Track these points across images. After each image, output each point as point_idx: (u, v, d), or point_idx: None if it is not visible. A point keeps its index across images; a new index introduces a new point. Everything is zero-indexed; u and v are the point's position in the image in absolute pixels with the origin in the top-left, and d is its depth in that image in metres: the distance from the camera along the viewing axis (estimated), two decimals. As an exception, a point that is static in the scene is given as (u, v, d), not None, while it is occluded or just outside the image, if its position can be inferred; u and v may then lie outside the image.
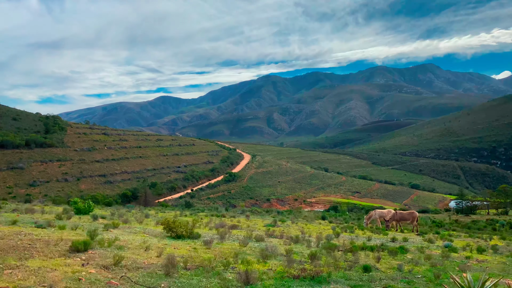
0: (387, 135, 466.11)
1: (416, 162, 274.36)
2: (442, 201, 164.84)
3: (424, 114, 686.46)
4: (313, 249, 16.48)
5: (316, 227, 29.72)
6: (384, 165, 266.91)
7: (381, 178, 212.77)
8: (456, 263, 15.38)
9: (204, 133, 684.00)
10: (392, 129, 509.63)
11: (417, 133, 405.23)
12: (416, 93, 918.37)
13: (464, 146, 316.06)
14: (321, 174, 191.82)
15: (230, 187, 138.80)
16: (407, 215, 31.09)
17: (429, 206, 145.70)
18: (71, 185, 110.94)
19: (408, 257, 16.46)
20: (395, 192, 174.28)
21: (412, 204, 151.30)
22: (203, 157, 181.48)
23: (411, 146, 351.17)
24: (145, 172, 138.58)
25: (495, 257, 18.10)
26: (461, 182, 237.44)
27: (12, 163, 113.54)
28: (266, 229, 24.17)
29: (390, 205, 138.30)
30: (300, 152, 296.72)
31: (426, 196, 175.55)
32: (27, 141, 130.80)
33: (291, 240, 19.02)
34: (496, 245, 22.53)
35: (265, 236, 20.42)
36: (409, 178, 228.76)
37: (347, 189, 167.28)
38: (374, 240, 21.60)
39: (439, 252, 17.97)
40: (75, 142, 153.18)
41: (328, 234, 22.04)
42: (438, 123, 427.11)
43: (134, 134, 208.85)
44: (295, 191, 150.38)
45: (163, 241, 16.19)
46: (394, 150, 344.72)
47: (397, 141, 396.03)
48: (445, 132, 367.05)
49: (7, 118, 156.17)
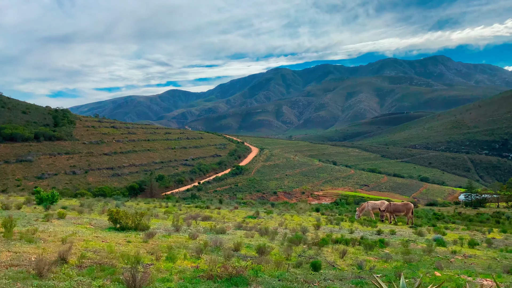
0: (397, 128, 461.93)
1: (426, 155, 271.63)
2: (451, 194, 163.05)
3: (435, 106, 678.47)
4: (268, 242, 15.65)
5: (301, 219, 28.81)
6: (393, 158, 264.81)
7: (390, 171, 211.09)
8: (437, 258, 14.46)
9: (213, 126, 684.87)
10: (402, 121, 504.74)
11: (427, 126, 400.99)
12: (427, 85, 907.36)
13: (475, 138, 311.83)
14: (329, 167, 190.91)
15: (237, 180, 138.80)
16: (401, 206, 29.95)
17: (439, 199, 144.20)
18: (79, 178, 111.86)
19: (384, 251, 15.58)
20: (404, 185, 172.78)
21: (421, 197, 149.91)
22: (211, 150, 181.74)
23: (421, 138, 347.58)
24: (153, 165, 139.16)
25: (486, 252, 17.31)
26: (471, 175, 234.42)
27: (21, 156, 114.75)
28: (241, 221, 23.42)
29: (398, 198, 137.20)
30: (308, 145, 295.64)
31: (435, 189, 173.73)
32: (36, 134, 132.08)
33: (260, 232, 18.05)
34: (492, 239, 21.85)
35: (234, 228, 19.72)
36: (418, 171, 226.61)
37: (355, 182, 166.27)
38: (357, 233, 20.84)
39: (424, 246, 17.09)
40: (83, 135, 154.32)
41: (303, 227, 21.07)
42: (448, 116, 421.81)
43: (142, 127, 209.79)
44: (303, 184, 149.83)
45: (97, 233, 15.17)
46: (404, 143, 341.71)
47: (407, 134, 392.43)
48: (455, 125, 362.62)
49: (17, 112, 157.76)
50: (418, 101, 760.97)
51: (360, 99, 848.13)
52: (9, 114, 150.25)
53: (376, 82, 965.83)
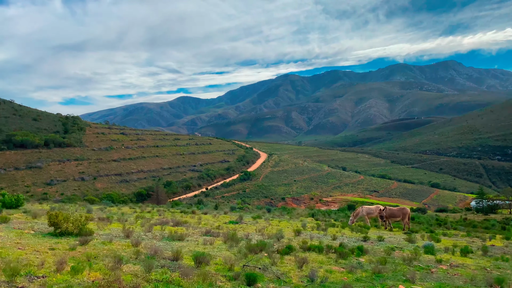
0: (407, 133, 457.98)
1: (437, 161, 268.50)
2: (463, 200, 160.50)
3: (446, 112, 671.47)
4: (225, 250, 14.60)
5: (288, 224, 27.64)
6: (403, 163, 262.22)
7: (400, 177, 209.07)
8: (417, 269, 13.37)
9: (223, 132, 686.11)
10: (412, 127, 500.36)
11: (438, 131, 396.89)
12: (437, 91, 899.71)
13: (487, 144, 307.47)
14: (338, 173, 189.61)
15: (245, 186, 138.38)
16: (397, 211, 28.75)
17: (450, 205, 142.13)
18: (87, 184, 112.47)
19: (359, 260, 14.38)
20: (414, 191, 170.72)
21: (431, 203, 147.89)
22: (219, 156, 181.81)
23: (432, 144, 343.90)
24: (161, 171, 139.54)
25: (478, 261, 16.15)
26: (483, 180, 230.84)
27: (30, 162, 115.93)
28: (217, 226, 22.45)
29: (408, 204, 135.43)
30: (317, 150, 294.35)
31: (446, 195, 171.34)
32: (46, 141, 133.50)
33: (225, 239, 16.79)
34: (491, 246, 20.83)
35: (200, 234, 18.60)
36: (429, 177, 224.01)
37: (364, 188, 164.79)
38: (341, 239, 19.77)
39: (407, 254, 15.71)
40: (93, 141, 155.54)
41: (280, 233, 19.62)
42: (460, 121, 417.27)
43: (151, 134, 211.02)
44: (311, 190, 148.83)
45: (25, 239, 13.93)
46: (415, 148, 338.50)
47: (417, 139, 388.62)
48: (467, 130, 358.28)
49: (28, 119, 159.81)
50: (428, 107, 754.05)
51: (370, 105, 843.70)
52: (20, 121, 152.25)
53: (386, 88, 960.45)
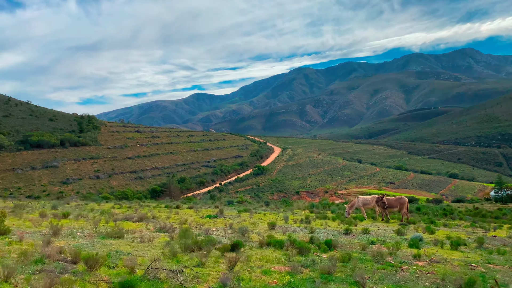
0: (424, 123, 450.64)
1: (455, 151, 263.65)
2: (482, 190, 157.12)
3: (464, 100, 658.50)
4: (158, 249, 13.18)
5: (272, 218, 26.19)
6: (420, 154, 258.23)
7: (417, 168, 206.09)
8: (384, 267, 12.07)
9: (237, 128, 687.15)
10: (429, 117, 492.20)
11: (456, 121, 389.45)
12: (454, 79, 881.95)
13: (506, 132, 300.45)
14: (353, 166, 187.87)
15: (259, 180, 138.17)
16: (394, 201, 27.05)
17: (468, 195, 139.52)
18: (103, 182, 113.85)
19: (320, 256, 13.25)
20: (431, 182, 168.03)
21: (449, 194, 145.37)
22: (233, 151, 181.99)
23: (450, 134, 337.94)
24: (175, 168, 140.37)
25: (468, 255, 14.78)
26: (503, 170, 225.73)
27: (47, 162, 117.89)
28: (184, 221, 21.38)
29: (425, 195, 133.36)
30: (332, 143, 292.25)
31: (465, 185, 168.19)
32: (61, 141, 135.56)
33: (170, 236, 15.66)
34: (492, 237, 19.77)
35: (154, 230, 17.63)
36: (446, 167, 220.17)
37: (380, 180, 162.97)
38: (320, 233, 18.68)
39: (385, 249, 14.56)
40: (108, 140, 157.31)
41: (244, 226, 18.16)
42: (478, 109, 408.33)
43: (166, 131, 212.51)
44: (326, 183, 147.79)
45: None
46: (432, 139, 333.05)
47: (434, 129, 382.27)
48: (486, 119, 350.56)
49: (44, 119, 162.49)
50: (445, 96, 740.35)
51: (385, 96, 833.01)
52: (37, 122, 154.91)
53: (402, 78, 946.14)
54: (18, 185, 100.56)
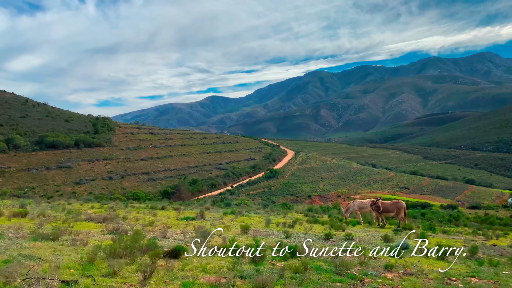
0: (440, 128, 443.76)
1: (472, 156, 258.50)
2: (500, 197, 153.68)
3: (482, 105, 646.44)
4: (85, 254, 11.80)
5: (256, 221, 25.11)
6: (436, 159, 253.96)
7: (432, 173, 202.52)
8: (342, 279, 10.75)
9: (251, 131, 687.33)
10: (446, 122, 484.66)
11: (474, 126, 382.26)
12: (472, 84, 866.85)
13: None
14: (367, 170, 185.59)
15: (271, 184, 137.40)
16: (390, 205, 25.47)
17: (485, 202, 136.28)
18: (115, 183, 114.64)
19: (273, 265, 11.95)
20: (447, 187, 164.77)
21: (465, 200, 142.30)
22: (246, 154, 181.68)
23: (467, 139, 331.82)
24: (187, 170, 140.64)
25: (451, 266, 13.25)
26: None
27: (61, 162, 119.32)
28: (143, 224, 20.37)
29: (440, 201, 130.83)
30: (346, 147, 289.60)
31: (482, 191, 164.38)
32: (76, 141, 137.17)
33: (113, 239, 14.42)
34: (490, 246, 18.53)
35: (107, 233, 16.55)
36: (463, 173, 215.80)
37: (395, 185, 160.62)
38: (300, 237, 17.73)
39: (355, 258, 13.39)
40: (122, 141, 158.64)
41: (206, 229, 16.78)
42: (497, 114, 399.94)
43: (180, 133, 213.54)
44: (339, 187, 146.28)
45: None
46: (448, 144, 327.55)
47: (451, 134, 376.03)
48: (504, 124, 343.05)
49: (60, 120, 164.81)
50: (463, 101, 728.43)
51: (401, 100, 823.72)
52: (53, 123, 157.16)
53: (418, 82, 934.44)
54: (32, 185, 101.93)
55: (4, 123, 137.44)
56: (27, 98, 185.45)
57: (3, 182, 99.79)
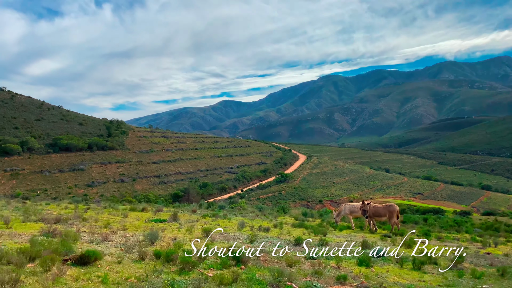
0: (456, 133, 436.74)
1: (488, 161, 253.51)
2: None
3: (499, 110, 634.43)
4: None
5: (232, 223, 23.65)
6: (451, 165, 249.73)
7: (447, 178, 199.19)
8: None
9: (264, 135, 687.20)
10: (462, 127, 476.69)
11: (490, 130, 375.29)
12: (489, 88, 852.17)
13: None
14: (381, 175, 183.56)
15: (281, 188, 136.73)
16: (382, 209, 23.81)
17: (502, 208, 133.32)
18: (127, 186, 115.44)
19: (194, 275, 10.41)
20: (462, 193, 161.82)
21: (481, 206, 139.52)
22: (257, 158, 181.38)
23: (483, 144, 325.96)
24: (198, 173, 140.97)
25: (424, 278, 11.95)
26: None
27: (74, 165, 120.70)
28: (100, 226, 19.32)
29: (455, 207, 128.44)
30: (359, 152, 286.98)
31: (498, 197, 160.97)
32: (89, 144, 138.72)
33: None
34: (482, 255, 17.45)
35: (29, 235, 15.31)
36: (479, 178, 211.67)
37: (408, 190, 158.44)
38: (262, 242, 16.47)
39: (320, 265, 11.77)
40: (135, 145, 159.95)
41: (153, 232, 15.76)
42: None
43: (192, 137, 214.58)
44: (351, 192, 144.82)
45: None
46: (464, 149, 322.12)
47: (467, 139, 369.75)
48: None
49: (74, 123, 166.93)
50: (480, 105, 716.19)
51: (416, 104, 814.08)
52: (67, 126, 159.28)
53: (434, 86, 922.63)
54: (45, 187, 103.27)
55: (19, 126, 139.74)
56: (43, 101, 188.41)
57: (17, 184, 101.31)
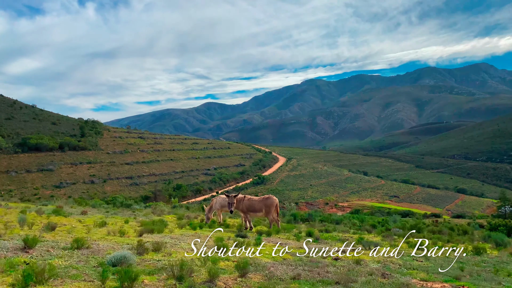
0: (435, 138, 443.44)
1: (465, 165, 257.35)
2: (490, 207, 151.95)
3: (477, 115, 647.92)
4: None
5: None
6: (428, 168, 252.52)
7: (424, 182, 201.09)
8: None
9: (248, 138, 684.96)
10: (441, 131, 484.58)
11: (468, 135, 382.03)
12: (468, 94, 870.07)
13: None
14: (358, 178, 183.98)
15: (258, 190, 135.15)
16: (258, 203, 19.45)
17: (476, 211, 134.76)
18: (97, 187, 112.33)
19: None
20: (437, 196, 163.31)
21: (455, 210, 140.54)
22: (235, 160, 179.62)
23: (460, 148, 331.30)
24: (173, 174, 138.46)
25: None
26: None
27: (43, 165, 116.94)
28: None
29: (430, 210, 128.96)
30: (338, 155, 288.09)
31: (473, 201, 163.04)
32: (61, 144, 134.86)
33: None
34: (329, 261, 12.61)
35: None
36: (455, 182, 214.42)
37: (384, 193, 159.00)
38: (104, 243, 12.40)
39: None
40: (109, 145, 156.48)
41: None
42: (491, 125, 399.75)
43: (170, 138, 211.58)
44: (327, 194, 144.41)
45: None
46: (442, 153, 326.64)
47: (445, 143, 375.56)
48: (498, 134, 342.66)
49: (47, 123, 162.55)
50: (458, 111, 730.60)
51: (397, 109, 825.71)
52: (39, 125, 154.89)
53: (414, 92, 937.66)
54: (10, 188, 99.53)
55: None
56: (15, 100, 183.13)
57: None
